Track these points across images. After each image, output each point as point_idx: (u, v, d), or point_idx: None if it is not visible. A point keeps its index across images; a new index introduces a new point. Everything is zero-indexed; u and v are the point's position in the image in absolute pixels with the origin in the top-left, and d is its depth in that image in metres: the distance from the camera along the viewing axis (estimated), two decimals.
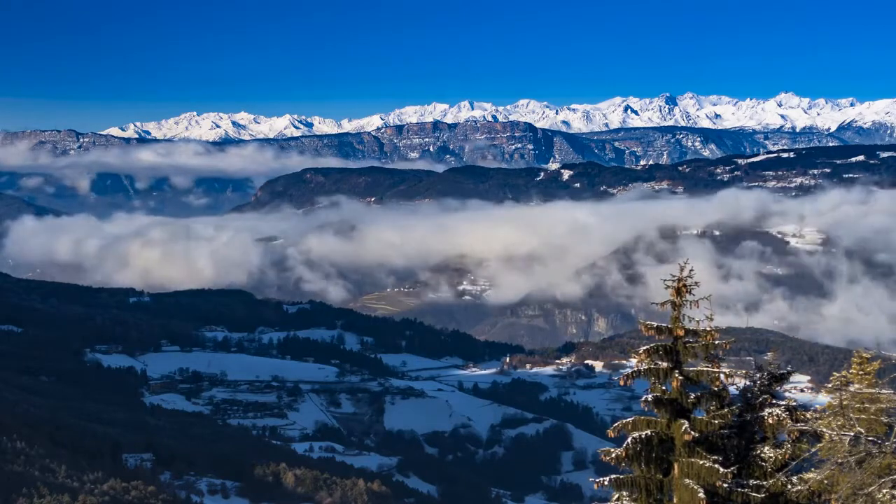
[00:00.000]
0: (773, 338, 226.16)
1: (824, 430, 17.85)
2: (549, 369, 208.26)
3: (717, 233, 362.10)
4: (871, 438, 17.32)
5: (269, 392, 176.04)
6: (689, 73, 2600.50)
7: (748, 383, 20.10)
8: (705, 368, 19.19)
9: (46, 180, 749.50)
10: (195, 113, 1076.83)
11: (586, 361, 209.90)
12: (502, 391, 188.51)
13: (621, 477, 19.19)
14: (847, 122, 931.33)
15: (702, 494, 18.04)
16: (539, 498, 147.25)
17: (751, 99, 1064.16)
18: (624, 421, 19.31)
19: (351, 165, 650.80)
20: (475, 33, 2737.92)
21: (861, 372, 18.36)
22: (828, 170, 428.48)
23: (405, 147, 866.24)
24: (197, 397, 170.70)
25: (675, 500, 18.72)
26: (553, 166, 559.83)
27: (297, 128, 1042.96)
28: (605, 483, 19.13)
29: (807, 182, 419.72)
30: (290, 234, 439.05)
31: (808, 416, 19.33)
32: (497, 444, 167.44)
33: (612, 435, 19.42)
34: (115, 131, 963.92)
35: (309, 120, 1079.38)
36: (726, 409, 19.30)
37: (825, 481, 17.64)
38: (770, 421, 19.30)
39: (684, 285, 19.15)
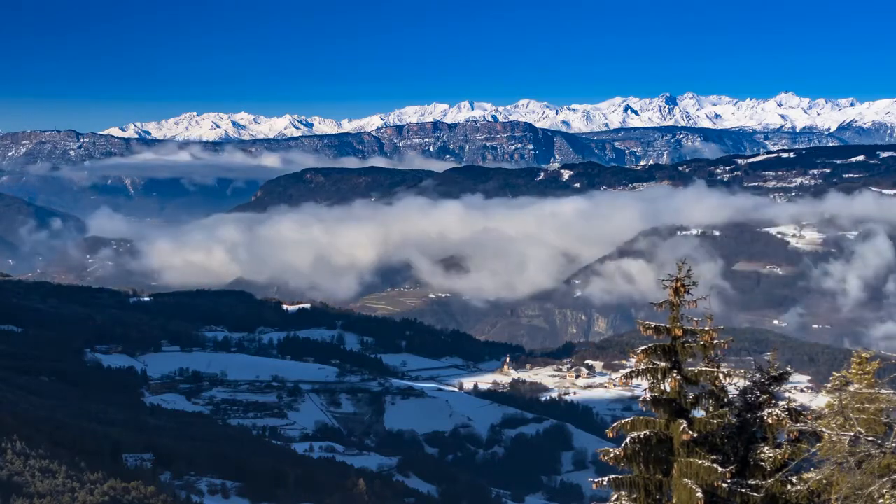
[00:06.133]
0: (773, 338, 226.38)
1: (824, 430, 17.81)
2: (549, 369, 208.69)
3: (716, 233, 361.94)
4: (870, 438, 17.27)
5: (269, 392, 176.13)
6: (689, 73, 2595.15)
7: (748, 383, 20.05)
8: (704, 368, 19.17)
9: (46, 180, 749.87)
10: (195, 113, 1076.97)
11: (586, 361, 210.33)
12: (502, 391, 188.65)
13: (620, 477, 19.16)
14: (847, 122, 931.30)
15: (700, 494, 18.03)
16: (539, 498, 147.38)
17: (751, 99, 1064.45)
18: (623, 421, 19.27)
19: (351, 165, 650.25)
20: (475, 33, 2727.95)
21: (860, 372, 18.31)
22: (828, 170, 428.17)
23: (405, 147, 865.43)
24: (197, 397, 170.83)
25: (674, 500, 18.70)
26: (553, 166, 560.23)
27: (297, 128, 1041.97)
28: (605, 483, 19.12)
29: (807, 182, 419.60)
30: (290, 234, 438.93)
31: (807, 416, 19.30)
32: (497, 444, 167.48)
33: (611, 435, 19.38)
34: (115, 131, 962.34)
35: (309, 120, 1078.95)
36: (725, 409, 19.27)
37: (825, 481, 17.60)
38: (770, 421, 19.25)
39: (682, 285, 19.13)
